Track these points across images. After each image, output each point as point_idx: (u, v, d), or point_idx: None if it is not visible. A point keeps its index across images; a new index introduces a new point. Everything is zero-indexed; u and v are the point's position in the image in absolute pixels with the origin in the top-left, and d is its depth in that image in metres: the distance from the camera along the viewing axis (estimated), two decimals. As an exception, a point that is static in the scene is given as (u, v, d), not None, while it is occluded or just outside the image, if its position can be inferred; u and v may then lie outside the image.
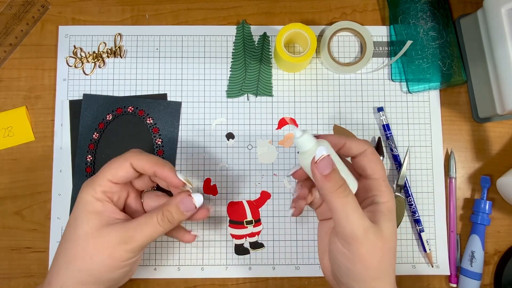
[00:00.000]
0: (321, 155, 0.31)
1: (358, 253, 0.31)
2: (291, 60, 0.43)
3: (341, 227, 0.31)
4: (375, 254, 0.32)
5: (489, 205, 0.46)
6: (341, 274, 0.33)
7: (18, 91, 0.48)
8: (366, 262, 0.32)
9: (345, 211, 0.31)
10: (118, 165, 0.36)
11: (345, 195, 0.31)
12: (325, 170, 0.31)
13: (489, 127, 0.48)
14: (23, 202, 0.47)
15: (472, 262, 0.45)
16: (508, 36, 0.40)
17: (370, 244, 0.31)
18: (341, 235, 0.32)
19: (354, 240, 0.31)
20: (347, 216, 0.31)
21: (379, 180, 0.35)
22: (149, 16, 0.49)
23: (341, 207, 0.31)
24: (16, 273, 0.46)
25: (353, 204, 0.31)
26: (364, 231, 0.31)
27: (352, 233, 0.31)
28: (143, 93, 0.48)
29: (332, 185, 0.31)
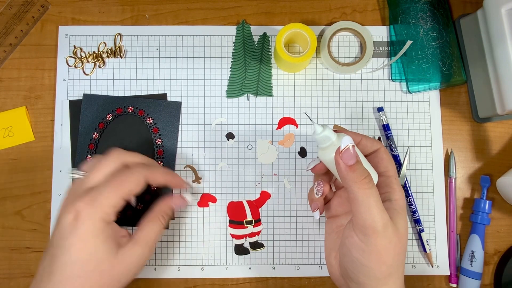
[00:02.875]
0: (346, 146, 0.32)
1: (375, 246, 0.32)
2: (291, 60, 0.43)
3: (362, 219, 0.31)
4: (390, 250, 0.32)
5: (489, 204, 0.46)
6: (353, 269, 0.33)
7: (18, 91, 0.48)
8: (381, 257, 0.32)
9: (368, 203, 0.31)
10: (134, 183, 0.35)
11: (369, 187, 0.32)
12: (350, 160, 0.32)
13: (489, 127, 0.48)
14: (23, 202, 0.47)
15: (472, 261, 0.45)
16: (508, 36, 0.40)
17: (388, 239, 0.32)
18: (360, 227, 0.32)
19: (373, 233, 0.31)
20: (369, 208, 0.31)
21: (391, 177, 0.35)
22: (149, 16, 0.49)
23: (365, 198, 0.31)
24: (16, 273, 0.46)
25: (375, 196, 0.32)
26: (384, 225, 0.31)
27: (373, 225, 0.31)
28: (143, 93, 0.48)
29: (357, 176, 0.31)
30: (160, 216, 0.39)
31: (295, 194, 0.47)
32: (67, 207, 0.34)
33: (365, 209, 0.31)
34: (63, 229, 0.33)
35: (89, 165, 0.38)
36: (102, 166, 0.36)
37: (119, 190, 0.34)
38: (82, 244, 0.33)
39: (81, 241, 0.33)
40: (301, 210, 0.46)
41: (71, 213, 0.33)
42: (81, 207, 0.33)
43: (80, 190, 0.35)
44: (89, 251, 0.33)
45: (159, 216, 0.39)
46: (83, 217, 0.33)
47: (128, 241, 0.36)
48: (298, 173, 0.47)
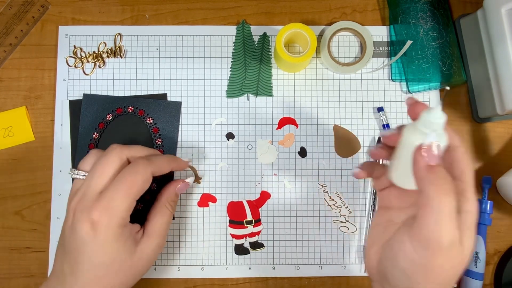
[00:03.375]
0: (433, 142, 0.27)
1: (431, 264, 0.27)
2: (291, 60, 0.43)
3: (427, 230, 0.27)
4: (446, 271, 0.28)
5: (490, 205, 0.46)
6: (394, 275, 0.30)
7: (18, 91, 0.48)
8: (433, 276, 0.28)
9: (441, 213, 0.26)
10: (143, 182, 0.36)
11: (448, 195, 0.26)
12: (432, 160, 0.27)
13: (489, 127, 0.48)
14: (23, 202, 0.47)
15: (476, 263, 0.45)
16: (508, 36, 0.40)
17: (449, 260, 0.27)
18: (421, 238, 0.27)
19: (436, 249, 0.27)
20: (441, 219, 0.26)
21: (467, 184, 0.29)
22: (149, 16, 0.49)
23: (437, 206, 0.26)
24: (16, 273, 0.46)
25: (452, 208, 0.26)
26: (450, 243, 0.27)
27: (439, 240, 0.26)
28: (143, 93, 0.48)
29: (437, 178, 0.26)
30: (168, 204, 0.40)
31: (295, 194, 0.47)
32: (81, 215, 0.34)
33: (436, 219, 0.26)
34: (81, 237, 0.34)
35: (88, 162, 0.38)
36: (105, 167, 0.36)
37: (130, 193, 0.35)
38: (103, 250, 0.34)
39: (102, 247, 0.34)
40: (301, 210, 0.46)
41: (86, 222, 0.34)
42: (97, 217, 0.34)
43: (89, 195, 0.35)
44: (112, 255, 0.34)
45: (166, 205, 0.40)
46: (101, 226, 0.34)
47: (142, 236, 0.38)
48: (298, 173, 0.47)
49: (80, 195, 0.35)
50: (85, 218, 0.34)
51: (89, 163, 0.38)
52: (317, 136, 0.47)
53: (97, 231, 0.34)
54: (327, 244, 0.46)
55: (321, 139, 0.47)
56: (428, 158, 0.27)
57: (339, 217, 0.46)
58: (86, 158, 0.39)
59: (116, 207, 0.34)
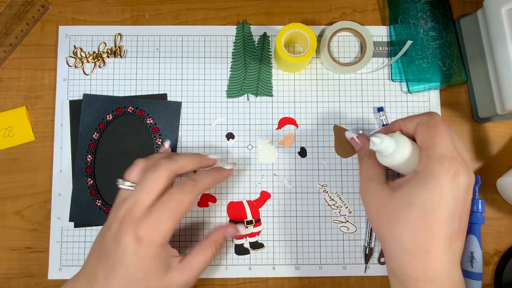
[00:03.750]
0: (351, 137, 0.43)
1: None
2: (291, 60, 0.43)
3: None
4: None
5: (482, 203, 0.45)
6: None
7: (18, 91, 0.48)
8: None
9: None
10: (189, 204, 0.37)
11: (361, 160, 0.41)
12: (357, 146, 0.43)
13: (489, 127, 0.48)
14: (23, 202, 0.47)
15: (472, 263, 0.45)
16: (508, 36, 0.40)
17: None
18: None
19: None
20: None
21: (423, 151, 0.35)
22: (149, 16, 0.49)
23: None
24: (16, 273, 0.46)
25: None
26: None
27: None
28: (143, 93, 0.48)
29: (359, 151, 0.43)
30: (213, 246, 0.40)
31: (295, 194, 0.47)
32: (128, 227, 0.35)
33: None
34: (123, 248, 0.35)
35: (134, 173, 0.39)
36: (154, 184, 0.37)
37: (176, 215, 0.37)
38: (140, 265, 0.35)
39: (140, 262, 0.35)
40: (301, 210, 0.47)
41: (132, 235, 0.35)
42: (142, 233, 0.35)
43: (138, 210, 0.36)
44: (145, 272, 0.35)
45: (212, 246, 0.40)
46: (144, 242, 0.35)
47: (177, 265, 0.38)
48: (298, 173, 0.47)
49: (128, 207, 0.36)
50: (132, 231, 0.35)
51: (135, 173, 0.39)
52: (317, 136, 0.47)
53: (140, 246, 0.35)
54: (327, 244, 0.46)
55: (321, 139, 0.47)
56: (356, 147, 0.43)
57: (339, 217, 0.46)
58: (132, 169, 0.39)
59: (161, 227, 0.36)
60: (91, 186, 0.46)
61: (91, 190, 0.46)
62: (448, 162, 0.33)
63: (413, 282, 0.33)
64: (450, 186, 0.32)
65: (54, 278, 0.45)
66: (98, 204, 0.46)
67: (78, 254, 0.46)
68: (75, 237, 0.46)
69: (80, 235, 0.46)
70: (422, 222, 0.32)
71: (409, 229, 0.33)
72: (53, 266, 0.45)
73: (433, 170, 0.33)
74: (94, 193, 0.46)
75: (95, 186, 0.46)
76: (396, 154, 0.35)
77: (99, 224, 0.46)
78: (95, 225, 0.46)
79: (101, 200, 0.46)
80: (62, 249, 0.46)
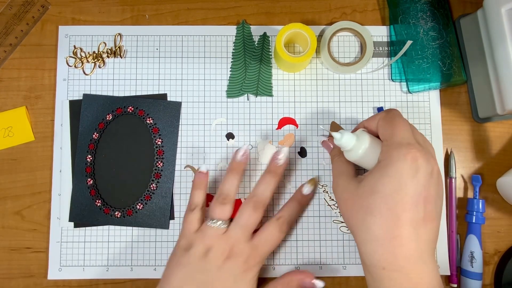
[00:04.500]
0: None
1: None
2: (291, 60, 0.43)
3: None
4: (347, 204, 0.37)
5: (482, 203, 0.46)
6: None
7: (18, 91, 0.48)
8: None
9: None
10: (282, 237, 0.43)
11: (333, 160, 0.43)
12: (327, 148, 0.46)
13: (489, 127, 0.48)
14: (23, 202, 0.47)
15: (472, 262, 0.45)
16: (508, 36, 0.40)
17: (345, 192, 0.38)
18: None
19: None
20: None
21: (383, 142, 0.37)
22: (149, 16, 0.49)
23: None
24: (16, 273, 0.46)
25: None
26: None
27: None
28: (143, 93, 0.48)
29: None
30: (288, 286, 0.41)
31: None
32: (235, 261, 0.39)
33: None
34: (209, 262, 0.39)
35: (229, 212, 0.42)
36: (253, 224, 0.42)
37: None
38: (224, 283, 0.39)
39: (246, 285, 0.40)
40: (301, 210, 0.46)
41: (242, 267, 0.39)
42: (252, 263, 0.40)
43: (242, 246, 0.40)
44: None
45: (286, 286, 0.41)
46: (253, 271, 0.40)
47: None
48: (298, 173, 0.47)
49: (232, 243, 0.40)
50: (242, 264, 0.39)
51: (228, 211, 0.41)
52: (317, 136, 0.47)
53: (247, 273, 0.39)
54: (327, 244, 0.46)
55: (321, 139, 0.47)
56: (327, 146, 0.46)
57: (339, 217, 0.46)
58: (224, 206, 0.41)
59: (263, 258, 0.41)
60: (91, 186, 0.46)
61: (91, 190, 0.46)
62: (406, 148, 0.34)
63: (381, 272, 0.33)
64: (408, 171, 0.33)
65: (53, 278, 0.45)
66: (98, 204, 0.46)
67: (78, 254, 0.46)
68: (75, 237, 0.46)
69: (80, 235, 0.46)
70: (385, 208, 0.33)
71: (373, 216, 0.34)
72: (53, 266, 0.45)
73: (392, 157, 0.34)
74: (94, 193, 0.46)
75: (95, 186, 0.46)
76: (358, 148, 0.37)
77: (99, 224, 0.46)
78: (94, 225, 0.46)
79: (101, 200, 0.46)
80: (62, 249, 0.46)
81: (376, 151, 0.37)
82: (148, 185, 0.46)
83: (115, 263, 0.46)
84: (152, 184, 0.46)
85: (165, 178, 0.46)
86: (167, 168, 0.46)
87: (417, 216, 0.33)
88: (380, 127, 0.38)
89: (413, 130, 0.37)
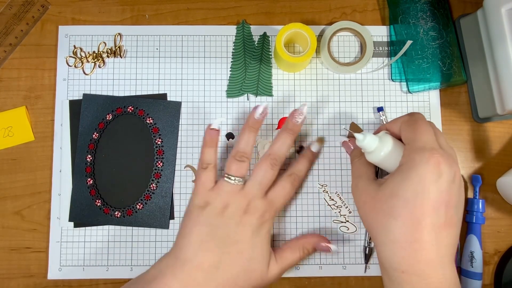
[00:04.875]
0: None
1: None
2: (291, 60, 0.43)
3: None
4: (370, 209, 0.37)
5: (482, 203, 0.46)
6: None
7: (18, 91, 0.48)
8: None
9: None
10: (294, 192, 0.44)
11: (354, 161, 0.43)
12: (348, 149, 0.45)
13: (489, 127, 0.48)
14: (23, 202, 0.46)
15: (472, 262, 0.45)
16: (508, 36, 0.40)
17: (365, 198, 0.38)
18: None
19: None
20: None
21: (406, 146, 0.37)
22: (149, 16, 0.49)
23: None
24: (16, 273, 0.46)
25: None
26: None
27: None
28: (143, 93, 0.48)
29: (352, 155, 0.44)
30: (302, 250, 0.42)
31: (295, 194, 0.47)
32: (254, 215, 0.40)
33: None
34: (227, 218, 0.40)
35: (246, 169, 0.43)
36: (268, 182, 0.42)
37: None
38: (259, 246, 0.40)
39: (261, 242, 0.41)
40: (301, 210, 0.46)
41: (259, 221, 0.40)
42: (266, 218, 0.41)
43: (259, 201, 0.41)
44: (259, 253, 0.41)
45: (301, 249, 0.42)
46: (266, 227, 0.41)
47: (273, 256, 0.41)
48: (298, 173, 0.47)
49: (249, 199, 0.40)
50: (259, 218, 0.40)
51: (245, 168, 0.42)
52: (317, 136, 0.47)
53: (261, 229, 0.40)
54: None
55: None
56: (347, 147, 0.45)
57: (339, 217, 0.46)
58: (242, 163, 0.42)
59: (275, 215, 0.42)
60: (91, 186, 0.46)
61: (91, 190, 0.46)
62: (429, 152, 0.33)
63: (400, 275, 0.33)
64: (431, 175, 0.33)
65: (53, 278, 0.45)
66: (98, 204, 0.46)
67: (78, 254, 0.46)
68: (74, 237, 0.46)
69: (79, 235, 0.46)
70: (406, 211, 0.33)
71: (394, 219, 0.33)
72: (53, 266, 0.45)
73: (414, 161, 0.34)
74: (94, 193, 0.46)
75: (95, 186, 0.46)
76: (380, 151, 0.37)
77: (99, 224, 0.46)
78: (94, 225, 0.46)
79: (101, 200, 0.46)
80: (62, 249, 0.46)
81: (398, 154, 0.36)
82: (148, 185, 0.46)
83: (115, 263, 0.46)
84: (152, 184, 0.46)
85: (165, 178, 0.46)
86: (167, 168, 0.46)
87: (438, 221, 0.32)
88: (403, 130, 0.37)
89: (437, 133, 0.36)
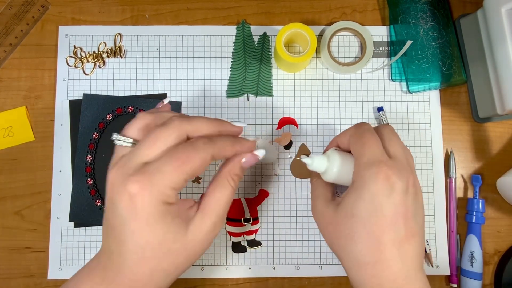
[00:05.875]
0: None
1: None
2: (291, 60, 0.43)
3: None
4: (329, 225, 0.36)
5: (482, 203, 0.46)
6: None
7: (18, 91, 0.48)
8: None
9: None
10: (199, 162, 0.30)
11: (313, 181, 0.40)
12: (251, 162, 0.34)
13: (489, 127, 0.48)
14: (23, 202, 0.47)
15: (472, 262, 0.45)
16: (508, 36, 0.40)
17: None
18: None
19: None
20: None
21: (355, 161, 0.35)
22: (149, 16, 0.49)
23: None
24: (16, 273, 0.46)
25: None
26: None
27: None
28: (143, 93, 0.48)
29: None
30: (230, 178, 0.33)
31: (295, 194, 0.47)
32: (118, 187, 0.29)
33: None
34: (120, 213, 0.29)
35: (135, 128, 0.32)
36: (158, 139, 0.30)
37: (182, 169, 0.29)
38: (147, 229, 0.29)
39: (145, 226, 0.29)
40: (301, 210, 0.46)
41: (124, 195, 0.28)
42: (135, 189, 0.28)
43: (131, 166, 0.29)
44: (158, 235, 0.29)
45: (228, 178, 0.33)
46: (141, 201, 0.28)
47: (196, 213, 0.32)
48: (298, 173, 0.47)
49: (122, 163, 0.30)
50: (123, 190, 0.28)
51: (136, 128, 0.32)
52: (317, 136, 0.47)
53: (136, 206, 0.28)
54: (327, 244, 0.46)
55: (321, 139, 0.47)
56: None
57: (339, 217, 0.46)
58: (134, 123, 0.32)
59: (159, 181, 0.28)
60: (91, 186, 0.46)
61: (91, 190, 0.46)
62: (376, 167, 0.32)
63: None
64: (382, 191, 0.32)
65: (53, 278, 0.45)
66: (98, 204, 0.46)
67: (78, 254, 0.46)
68: (74, 237, 0.46)
69: (80, 235, 0.46)
70: (365, 232, 0.32)
71: (354, 242, 0.32)
72: (53, 266, 0.45)
73: (364, 178, 0.32)
74: (94, 193, 0.46)
75: (95, 186, 0.46)
76: (331, 170, 0.36)
77: (99, 224, 0.46)
78: (95, 225, 0.46)
79: (101, 200, 0.46)
80: (62, 249, 0.46)
81: (351, 169, 0.35)
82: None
83: (115, 263, 0.46)
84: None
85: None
86: (167, 168, 0.46)
87: (398, 236, 0.31)
88: (351, 144, 0.36)
89: (389, 140, 0.35)
